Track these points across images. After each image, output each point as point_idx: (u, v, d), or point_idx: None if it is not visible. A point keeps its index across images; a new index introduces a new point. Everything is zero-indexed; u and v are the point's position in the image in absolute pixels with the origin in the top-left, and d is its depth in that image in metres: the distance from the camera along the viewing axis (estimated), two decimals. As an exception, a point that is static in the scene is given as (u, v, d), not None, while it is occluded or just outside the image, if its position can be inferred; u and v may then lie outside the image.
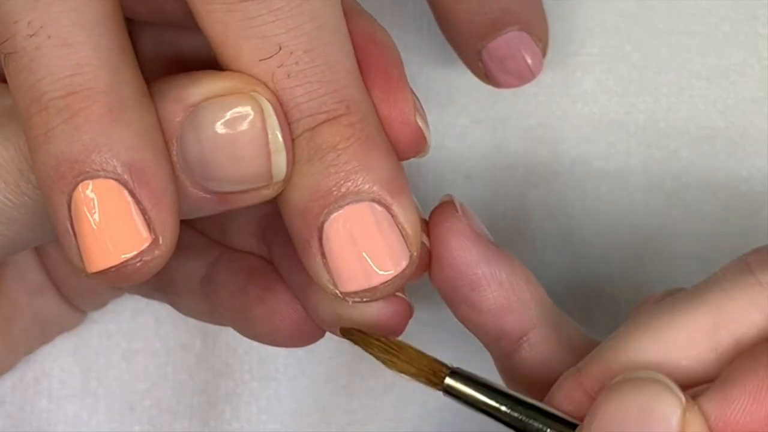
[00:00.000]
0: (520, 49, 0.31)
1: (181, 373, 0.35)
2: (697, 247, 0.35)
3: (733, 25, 0.35)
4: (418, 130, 0.26)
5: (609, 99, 0.35)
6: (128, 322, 0.36)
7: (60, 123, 0.23)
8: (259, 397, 0.35)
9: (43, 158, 0.24)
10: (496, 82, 0.31)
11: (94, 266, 0.24)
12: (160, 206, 0.24)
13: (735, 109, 0.35)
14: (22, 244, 0.27)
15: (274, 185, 0.25)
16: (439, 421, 0.35)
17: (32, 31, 0.24)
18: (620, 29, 0.35)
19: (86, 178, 0.24)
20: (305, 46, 0.24)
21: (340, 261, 0.25)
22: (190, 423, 0.35)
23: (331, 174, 0.25)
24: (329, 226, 0.25)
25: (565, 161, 0.35)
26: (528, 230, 0.35)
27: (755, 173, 0.35)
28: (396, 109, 0.26)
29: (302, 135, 0.25)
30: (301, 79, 0.24)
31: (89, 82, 0.24)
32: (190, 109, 0.24)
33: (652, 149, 0.35)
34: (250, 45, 0.24)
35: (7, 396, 0.35)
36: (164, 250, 0.24)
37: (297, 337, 0.30)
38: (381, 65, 0.26)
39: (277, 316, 0.29)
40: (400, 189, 0.25)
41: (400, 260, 0.25)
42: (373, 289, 0.25)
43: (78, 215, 0.24)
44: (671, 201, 0.35)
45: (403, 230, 0.25)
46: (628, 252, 0.35)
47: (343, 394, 0.35)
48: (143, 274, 0.24)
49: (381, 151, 0.25)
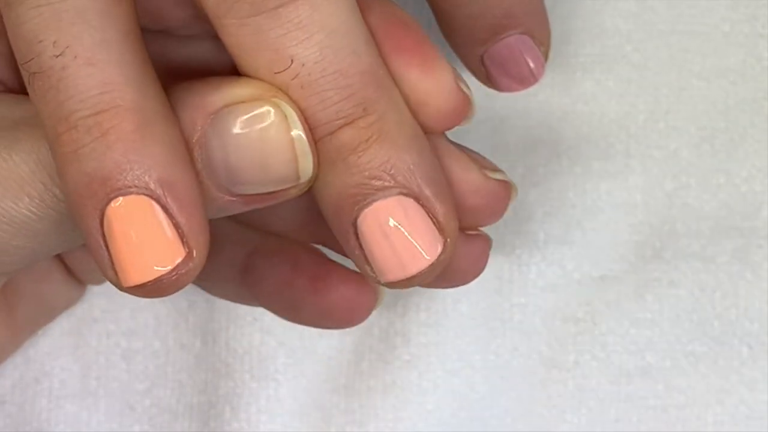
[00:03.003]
0: (522, 53, 0.31)
1: (180, 373, 0.35)
2: (697, 247, 0.35)
3: (733, 26, 0.35)
4: (464, 96, 0.27)
5: (609, 99, 0.35)
6: (128, 322, 0.36)
7: (90, 141, 0.24)
8: (259, 397, 0.35)
9: (73, 176, 0.24)
10: (498, 86, 0.31)
11: (129, 281, 0.24)
12: (192, 219, 0.24)
13: (735, 109, 0.35)
14: (44, 254, 0.27)
15: (300, 185, 0.26)
16: (439, 421, 0.35)
17: (58, 51, 0.24)
18: (620, 29, 0.35)
19: (118, 195, 0.24)
20: (316, 57, 0.25)
21: (377, 255, 0.26)
22: (189, 423, 0.35)
23: (356, 174, 0.25)
24: (362, 222, 0.26)
25: (565, 161, 0.35)
26: (528, 230, 0.35)
27: (755, 173, 0.35)
28: (438, 81, 0.27)
29: (322, 140, 0.25)
30: (315, 89, 0.25)
31: (117, 99, 0.24)
32: (211, 116, 0.25)
33: (652, 149, 0.35)
34: (265, 58, 0.25)
35: (7, 395, 0.35)
36: (198, 262, 0.25)
37: (347, 320, 0.31)
38: (412, 44, 0.27)
39: (329, 303, 0.30)
40: (427, 178, 0.26)
41: (433, 249, 0.26)
42: (410, 278, 0.26)
43: (111, 232, 0.24)
44: (671, 201, 0.35)
45: (434, 218, 0.26)
46: (629, 252, 0.35)
47: (343, 394, 0.35)
48: (178, 286, 0.25)
49: (405, 144, 0.26)
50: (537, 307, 0.35)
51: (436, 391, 0.35)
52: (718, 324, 0.35)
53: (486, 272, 0.35)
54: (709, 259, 0.35)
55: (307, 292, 0.31)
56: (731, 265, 0.35)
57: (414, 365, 0.35)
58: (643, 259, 0.35)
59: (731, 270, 0.35)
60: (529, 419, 0.35)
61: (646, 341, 0.35)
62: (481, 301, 0.35)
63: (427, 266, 0.26)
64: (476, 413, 0.35)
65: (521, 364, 0.35)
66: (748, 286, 0.35)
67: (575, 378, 0.35)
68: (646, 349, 0.35)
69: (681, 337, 0.35)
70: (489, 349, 0.35)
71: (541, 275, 0.35)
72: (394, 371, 0.35)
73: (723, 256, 0.35)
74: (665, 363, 0.35)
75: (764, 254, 0.35)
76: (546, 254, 0.35)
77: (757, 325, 0.35)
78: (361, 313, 0.31)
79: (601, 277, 0.35)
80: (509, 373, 0.35)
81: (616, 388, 0.35)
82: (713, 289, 0.35)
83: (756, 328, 0.35)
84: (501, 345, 0.35)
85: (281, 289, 0.31)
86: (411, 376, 0.35)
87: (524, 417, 0.35)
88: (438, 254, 0.26)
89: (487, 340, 0.35)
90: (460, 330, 0.35)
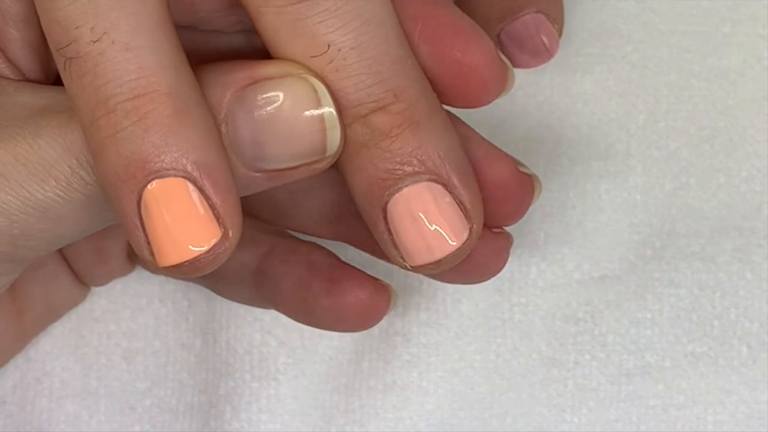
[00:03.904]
0: (538, 30, 0.32)
1: (181, 372, 0.35)
2: (697, 247, 0.35)
3: (733, 26, 0.35)
4: (503, 64, 0.28)
5: (609, 99, 0.35)
6: (129, 322, 0.36)
7: (129, 125, 0.24)
8: (260, 396, 0.35)
9: (111, 159, 0.25)
10: (515, 63, 0.32)
11: (166, 261, 0.25)
12: (227, 200, 0.25)
13: (735, 109, 0.35)
14: (68, 239, 0.28)
15: (327, 158, 0.26)
16: (439, 420, 0.35)
17: (96, 36, 0.25)
18: (620, 29, 0.35)
19: (156, 177, 0.25)
20: (352, 43, 0.26)
21: (405, 239, 0.27)
22: (190, 423, 0.35)
23: (388, 159, 0.26)
24: (392, 207, 0.26)
25: (565, 161, 0.35)
26: (528, 230, 0.35)
27: (755, 173, 0.35)
28: (480, 55, 0.27)
29: (355, 122, 0.26)
30: (349, 72, 0.26)
31: (153, 84, 0.25)
32: (238, 93, 0.26)
33: (652, 149, 0.35)
34: (301, 44, 0.26)
35: (7, 396, 0.35)
36: (233, 241, 0.25)
37: (361, 323, 0.31)
38: (450, 23, 0.27)
39: (344, 306, 0.31)
40: (456, 166, 0.27)
41: (460, 234, 0.27)
42: (437, 263, 0.27)
43: (149, 214, 0.25)
44: (671, 201, 0.35)
45: (462, 205, 0.27)
46: (629, 252, 0.35)
47: (343, 393, 0.35)
48: (214, 265, 0.25)
49: (434, 133, 0.26)
50: (537, 307, 0.35)
51: (436, 391, 0.35)
52: (718, 324, 0.35)
53: (486, 272, 0.35)
54: (709, 259, 0.35)
55: (322, 294, 0.31)
56: (731, 265, 0.35)
57: (414, 365, 0.35)
58: (643, 259, 0.35)
59: (731, 270, 0.35)
60: (529, 419, 0.35)
61: (646, 341, 0.35)
62: (481, 301, 0.35)
63: (453, 251, 0.27)
64: (476, 413, 0.35)
65: (521, 364, 0.35)
66: (748, 286, 0.35)
67: (575, 378, 0.35)
68: (646, 349, 0.35)
69: (681, 337, 0.35)
70: (489, 349, 0.35)
71: (541, 275, 0.35)
72: (395, 371, 0.35)
73: (723, 256, 0.35)
74: (665, 363, 0.35)
75: (764, 254, 0.35)
76: (546, 254, 0.35)
77: (757, 325, 0.35)
78: (374, 316, 0.31)
79: (601, 277, 0.35)
80: (509, 373, 0.35)
81: (616, 388, 0.35)
82: (713, 289, 0.35)
83: (756, 327, 0.35)
84: (501, 345, 0.35)
85: (296, 292, 0.31)
86: (411, 376, 0.35)
87: (524, 417, 0.35)
88: (464, 240, 0.27)
89: (487, 340, 0.35)
90: (460, 330, 0.35)
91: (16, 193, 0.26)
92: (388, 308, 0.31)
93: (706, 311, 0.35)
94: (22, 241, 0.27)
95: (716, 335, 0.35)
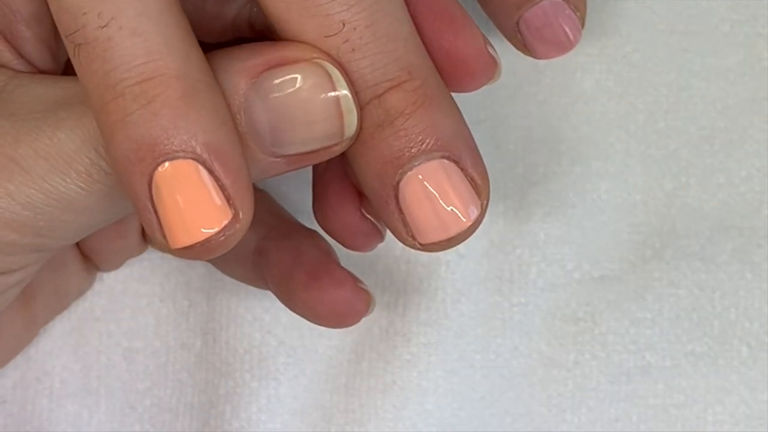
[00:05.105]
0: (558, 17, 0.31)
1: (181, 372, 0.36)
2: (697, 247, 0.35)
3: (733, 26, 0.35)
4: (491, 57, 0.28)
5: (609, 99, 0.35)
6: (129, 322, 0.36)
7: (138, 108, 0.24)
8: (259, 396, 0.35)
9: (121, 142, 0.25)
10: (535, 53, 0.32)
11: (178, 243, 0.25)
12: (237, 182, 0.25)
13: (735, 109, 0.35)
14: (92, 227, 0.28)
15: (344, 142, 0.26)
16: (438, 420, 0.35)
17: (103, 22, 0.25)
18: (620, 29, 0.35)
19: (166, 160, 0.25)
20: (366, 21, 0.26)
21: (418, 217, 0.27)
22: (190, 422, 0.35)
23: (402, 137, 0.26)
24: (405, 185, 0.26)
25: (565, 161, 0.35)
26: (528, 230, 0.35)
27: (755, 173, 0.35)
28: (468, 44, 0.27)
29: (370, 102, 0.26)
30: (365, 52, 0.26)
31: (162, 68, 0.25)
32: (253, 80, 0.26)
33: (651, 149, 0.35)
34: (315, 23, 0.26)
35: (8, 395, 0.35)
36: (244, 223, 0.25)
37: (336, 322, 0.32)
38: (442, 8, 0.27)
39: (319, 302, 0.31)
40: (466, 142, 0.27)
41: (472, 210, 0.27)
42: (449, 239, 0.27)
43: (160, 196, 0.25)
44: (671, 201, 0.35)
45: (473, 181, 0.27)
46: (629, 252, 0.35)
47: (343, 393, 0.35)
48: (225, 247, 0.25)
49: (445, 110, 0.26)
50: (537, 306, 0.35)
51: (436, 391, 0.35)
52: (718, 324, 0.35)
53: (486, 272, 0.35)
54: (709, 259, 0.35)
55: (300, 287, 0.31)
56: (731, 265, 0.35)
57: (414, 365, 0.35)
58: (643, 259, 0.35)
59: (731, 270, 0.35)
60: (529, 419, 0.35)
61: (646, 341, 0.35)
62: (481, 301, 0.35)
63: (466, 227, 0.27)
64: (476, 413, 0.35)
65: (521, 364, 0.35)
66: (748, 286, 0.35)
67: (575, 378, 0.35)
68: (646, 349, 0.35)
69: (681, 337, 0.35)
70: (489, 348, 0.35)
71: (541, 275, 0.35)
72: (395, 371, 0.35)
73: (723, 256, 0.35)
74: (665, 363, 0.35)
75: (764, 254, 0.35)
76: (546, 254, 0.35)
77: (757, 325, 0.35)
78: (351, 316, 0.31)
79: (601, 277, 0.35)
80: (509, 372, 0.35)
81: (616, 388, 0.35)
82: (713, 289, 0.35)
83: (756, 327, 0.35)
84: (501, 345, 0.35)
85: (281, 279, 0.32)
86: (411, 376, 0.35)
87: (524, 417, 0.35)
88: (476, 216, 0.27)
89: (487, 340, 0.35)
90: (460, 330, 0.35)
91: (38, 186, 0.26)
92: (367, 310, 0.32)
93: (706, 311, 0.35)
94: (47, 231, 0.27)
95: (716, 335, 0.35)
